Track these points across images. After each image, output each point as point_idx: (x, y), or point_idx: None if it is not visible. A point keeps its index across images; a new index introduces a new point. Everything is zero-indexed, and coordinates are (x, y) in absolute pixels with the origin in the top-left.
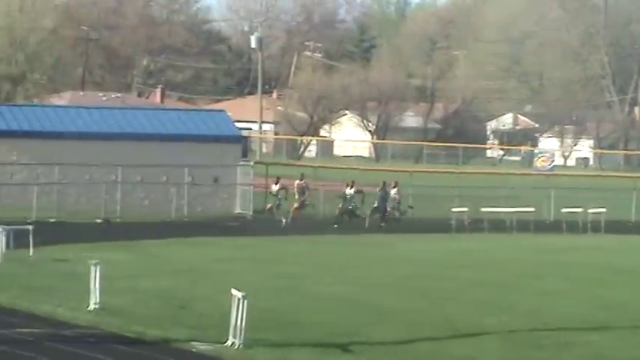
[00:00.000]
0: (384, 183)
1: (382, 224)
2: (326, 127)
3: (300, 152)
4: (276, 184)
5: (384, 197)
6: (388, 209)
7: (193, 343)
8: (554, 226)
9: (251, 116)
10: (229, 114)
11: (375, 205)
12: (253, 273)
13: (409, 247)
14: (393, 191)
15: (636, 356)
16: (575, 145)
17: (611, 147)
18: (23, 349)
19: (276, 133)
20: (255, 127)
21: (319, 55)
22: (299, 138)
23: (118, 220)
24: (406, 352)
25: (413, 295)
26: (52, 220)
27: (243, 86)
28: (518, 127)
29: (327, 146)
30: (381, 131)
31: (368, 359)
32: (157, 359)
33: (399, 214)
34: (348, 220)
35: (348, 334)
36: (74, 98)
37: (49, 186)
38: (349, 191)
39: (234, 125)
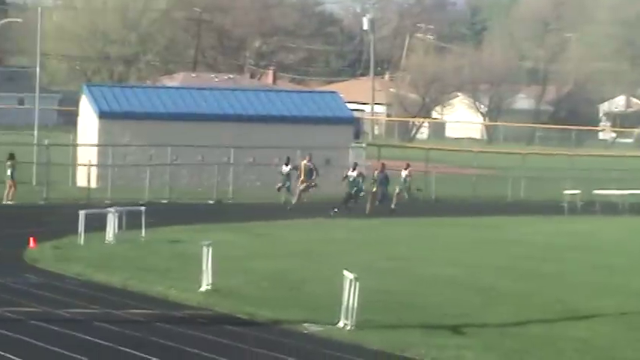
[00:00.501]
0: (383, 165)
1: (393, 206)
2: (438, 108)
3: (412, 134)
4: (286, 164)
5: (383, 181)
6: (397, 190)
7: (305, 324)
8: None
9: (363, 98)
10: (341, 96)
11: (374, 189)
12: (364, 254)
13: (519, 230)
14: (404, 173)
15: None
16: None
17: None
18: (134, 330)
19: (388, 115)
20: (367, 108)
21: (431, 37)
22: (411, 120)
23: (230, 201)
24: (518, 335)
25: (523, 277)
26: (165, 202)
27: (355, 68)
28: (631, 110)
29: (438, 128)
30: (493, 113)
31: (479, 341)
32: (268, 340)
33: (407, 197)
34: (353, 204)
35: (459, 316)
36: (186, 79)
37: (162, 167)
38: (351, 173)
39: (346, 107)
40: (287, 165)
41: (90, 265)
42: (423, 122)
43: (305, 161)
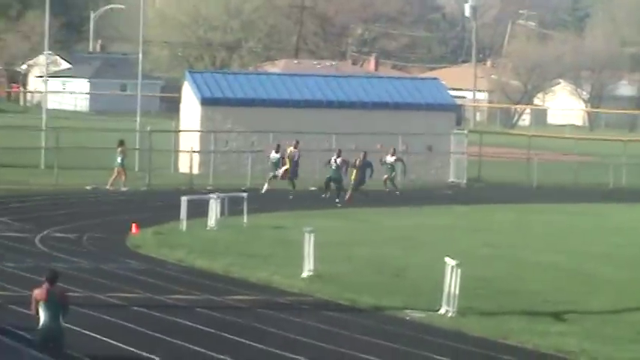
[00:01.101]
0: (365, 153)
1: (397, 192)
2: (539, 95)
3: (513, 121)
4: (276, 152)
5: (363, 168)
6: (386, 177)
7: (406, 310)
8: None
9: (465, 85)
10: (443, 82)
11: (353, 177)
12: (463, 241)
13: (621, 217)
14: (390, 159)
15: None
16: None
17: None
18: (236, 316)
19: (489, 102)
20: (469, 95)
21: (533, 24)
22: (513, 106)
23: (333, 187)
24: (619, 322)
25: (625, 265)
26: (263, 191)
27: (457, 54)
28: None
29: (540, 115)
30: (595, 100)
31: (581, 328)
32: (369, 327)
33: (392, 185)
34: (334, 191)
35: (561, 303)
36: (288, 66)
37: (263, 153)
38: (334, 162)
39: (448, 93)
40: (277, 152)
41: (192, 251)
42: (524, 109)
43: (292, 148)
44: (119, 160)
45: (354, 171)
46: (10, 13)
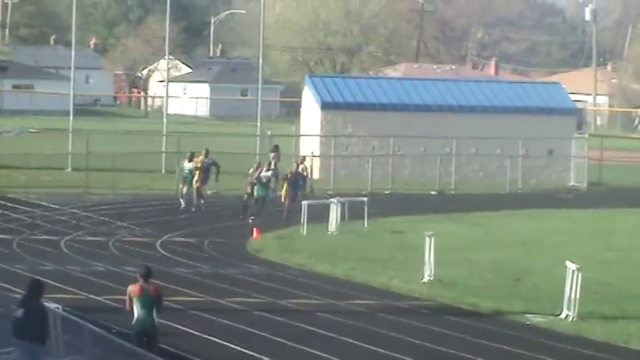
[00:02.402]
0: (297, 165)
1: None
2: None
3: (635, 124)
4: (189, 161)
5: (294, 182)
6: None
7: (527, 315)
8: None
9: (585, 89)
10: (563, 86)
11: (283, 191)
12: (582, 245)
13: None
14: (266, 173)
15: None
16: None
17: None
18: (357, 321)
19: (610, 106)
20: (589, 99)
21: None
22: (634, 110)
23: (452, 191)
24: None
25: None
26: (387, 192)
27: (577, 58)
28: None
29: None
30: None
31: None
32: (490, 331)
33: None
34: (258, 208)
35: None
36: (408, 70)
37: (384, 158)
38: (265, 173)
39: (568, 98)
40: (190, 162)
41: (313, 255)
42: None
43: (203, 157)
44: (273, 164)
45: (285, 184)
46: (130, 17)
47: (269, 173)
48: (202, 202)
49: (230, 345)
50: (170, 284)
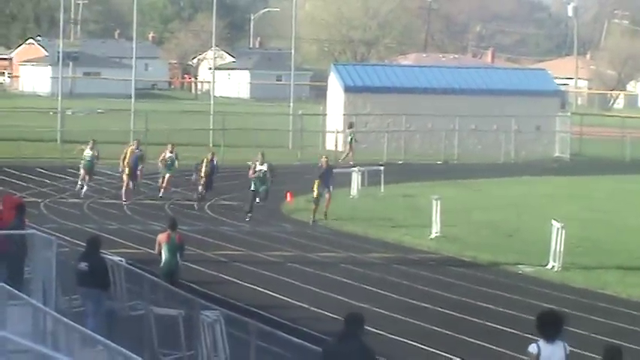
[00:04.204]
0: (213, 154)
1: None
2: (632, 83)
3: (609, 104)
4: (90, 149)
5: (327, 176)
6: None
7: (519, 265)
8: None
9: (568, 74)
10: (549, 72)
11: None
12: (567, 207)
13: None
14: (168, 154)
15: None
16: None
17: None
18: (374, 271)
19: (589, 88)
20: (571, 83)
21: (626, 22)
22: (609, 92)
23: (455, 162)
24: None
25: None
26: (400, 162)
27: (561, 48)
28: None
29: (632, 99)
30: None
31: None
32: (488, 279)
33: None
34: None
35: None
36: (418, 59)
37: (398, 133)
38: (261, 167)
39: (553, 82)
40: (91, 149)
41: (337, 215)
42: (619, 94)
43: (132, 147)
44: (349, 139)
45: (316, 182)
46: (182, 15)
47: (264, 167)
48: (124, 201)
49: (267, 292)
50: (216, 240)
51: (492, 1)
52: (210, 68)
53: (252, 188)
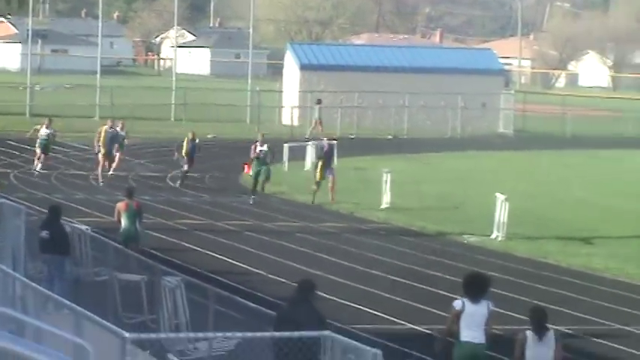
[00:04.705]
0: (194, 133)
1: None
2: (572, 62)
3: (551, 83)
4: (47, 127)
5: (330, 156)
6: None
7: (464, 235)
8: None
9: (512, 54)
10: (495, 52)
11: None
12: (512, 180)
13: (636, 160)
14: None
15: None
16: None
17: None
18: (328, 240)
19: (532, 68)
20: (515, 62)
21: (567, 5)
22: (550, 71)
23: (404, 136)
24: (637, 245)
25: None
26: (352, 137)
27: (505, 29)
28: None
29: (573, 78)
30: (618, 66)
31: (604, 250)
32: (435, 248)
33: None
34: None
35: (588, 230)
36: (370, 39)
37: (350, 109)
38: (262, 148)
39: (498, 61)
40: (47, 128)
41: (292, 187)
42: (560, 74)
43: (108, 127)
44: (316, 115)
45: (320, 162)
46: None
47: (264, 147)
48: (101, 181)
49: (226, 259)
50: (178, 210)
51: None
52: (172, 46)
53: (253, 170)
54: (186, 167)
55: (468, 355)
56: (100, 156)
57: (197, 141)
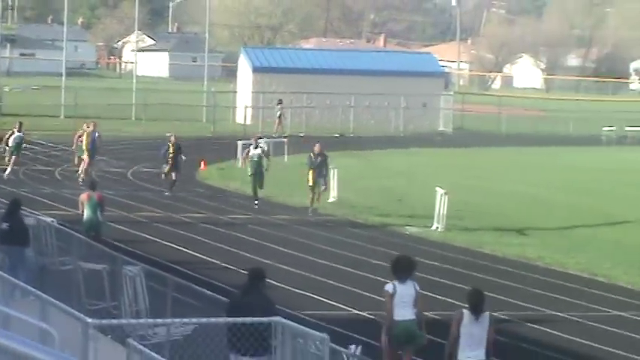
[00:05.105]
0: (175, 137)
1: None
2: (508, 65)
3: (488, 84)
4: (19, 130)
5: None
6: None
7: (406, 227)
8: None
9: (451, 57)
10: (435, 56)
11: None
12: (450, 175)
13: (570, 156)
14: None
15: None
16: None
17: None
18: (278, 231)
19: (470, 70)
20: (454, 65)
21: (503, 11)
22: (487, 74)
23: (350, 134)
24: (568, 236)
25: (574, 193)
26: (301, 135)
27: (445, 34)
28: None
29: (508, 80)
30: (550, 69)
31: (538, 240)
32: (378, 239)
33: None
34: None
35: (523, 222)
36: (318, 43)
37: (300, 109)
38: (255, 151)
39: (438, 64)
40: (19, 131)
41: (245, 182)
42: (496, 76)
43: (85, 128)
44: (278, 114)
45: (310, 171)
46: (108, 2)
47: (258, 151)
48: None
49: (183, 249)
50: (138, 203)
51: None
52: (133, 50)
53: (249, 173)
54: (174, 176)
55: (402, 331)
56: (85, 157)
57: (179, 143)
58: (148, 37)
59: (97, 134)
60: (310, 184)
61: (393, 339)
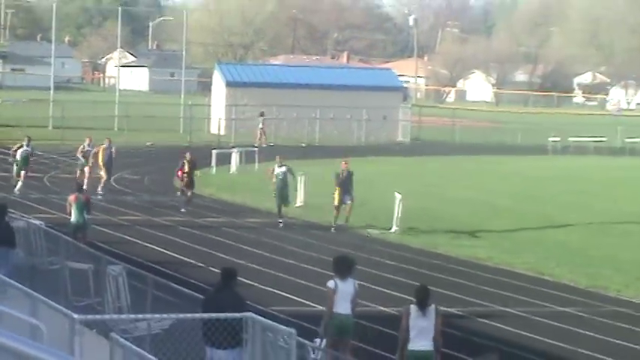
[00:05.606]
0: (191, 153)
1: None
2: (461, 80)
3: (443, 98)
4: (27, 145)
5: (347, 182)
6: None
7: (367, 229)
8: (620, 151)
9: (409, 73)
10: (394, 71)
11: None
12: (408, 182)
13: (517, 165)
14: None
15: None
16: (635, 94)
17: None
18: (250, 233)
19: (426, 85)
20: (412, 80)
21: (457, 31)
22: (442, 88)
23: (316, 144)
24: (515, 238)
25: (520, 198)
26: (271, 144)
27: (404, 51)
28: (595, 82)
29: (462, 94)
30: (500, 84)
31: (488, 242)
32: (341, 240)
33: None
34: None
35: (474, 225)
36: (286, 60)
37: (269, 120)
38: (279, 169)
39: (397, 79)
40: (27, 146)
41: (220, 188)
42: (450, 90)
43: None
44: (260, 125)
45: (337, 189)
46: (93, 22)
47: (282, 169)
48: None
49: (163, 250)
50: (121, 207)
51: (347, 12)
52: (116, 66)
53: (274, 192)
54: (189, 194)
55: (338, 324)
56: (102, 172)
57: (194, 159)
58: (130, 54)
59: (112, 149)
60: (336, 203)
61: (330, 329)
